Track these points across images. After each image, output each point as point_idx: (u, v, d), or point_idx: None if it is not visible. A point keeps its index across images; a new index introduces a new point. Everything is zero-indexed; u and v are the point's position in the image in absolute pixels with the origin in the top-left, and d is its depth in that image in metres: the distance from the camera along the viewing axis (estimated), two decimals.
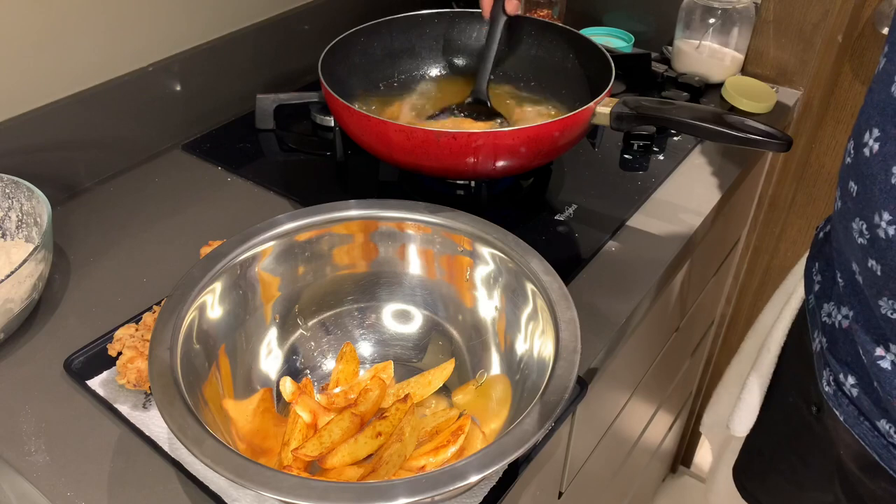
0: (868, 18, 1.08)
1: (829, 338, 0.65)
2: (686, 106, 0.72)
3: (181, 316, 0.54)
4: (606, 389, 0.80)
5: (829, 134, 1.19)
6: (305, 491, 0.43)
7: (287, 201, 0.83)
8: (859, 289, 0.59)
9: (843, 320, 0.63)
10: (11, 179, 0.70)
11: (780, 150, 0.67)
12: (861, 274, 0.57)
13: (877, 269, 0.55)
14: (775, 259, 1.36)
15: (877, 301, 0.56)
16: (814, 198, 1.26)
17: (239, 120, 0.98)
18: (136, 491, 0.54)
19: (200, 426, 0.46)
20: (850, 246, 0.58)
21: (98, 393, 0.60)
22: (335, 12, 1.07)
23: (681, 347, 1.13)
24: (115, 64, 0.84)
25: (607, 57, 0.80)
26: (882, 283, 0.55)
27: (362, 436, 0.54)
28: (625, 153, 0.90)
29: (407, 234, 0.65)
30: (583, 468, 0.85)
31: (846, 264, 0.61)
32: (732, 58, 1.03)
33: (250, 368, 0.60)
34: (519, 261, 0.59)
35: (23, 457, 0.56)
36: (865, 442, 0.61)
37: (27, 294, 0.64)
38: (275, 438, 0.56)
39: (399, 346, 0.65)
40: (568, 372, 0.50)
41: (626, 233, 0.78)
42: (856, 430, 0.61)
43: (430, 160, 0.70)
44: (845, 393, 0.62)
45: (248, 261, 0.60)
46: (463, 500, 0.53)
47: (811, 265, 0.72)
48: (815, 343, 0.68)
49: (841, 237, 0.60)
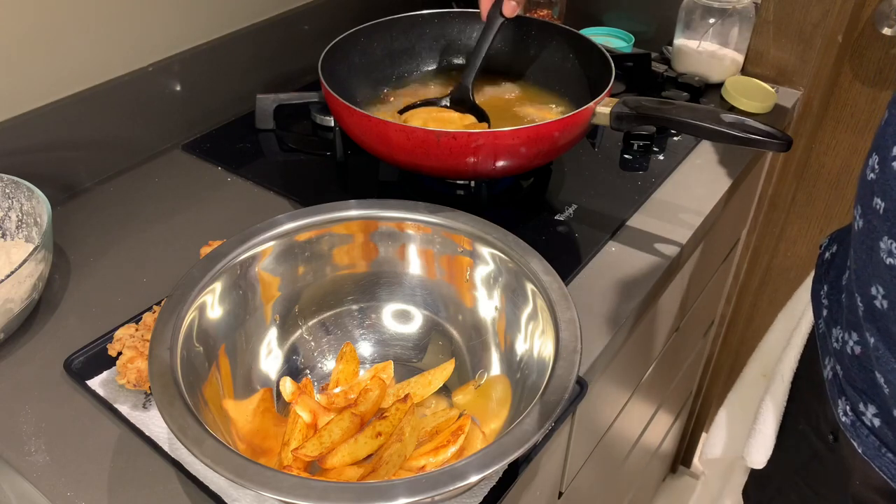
0: (868, 18, 1.08)
1: (842, 365, 0.62)
2: (686, 106, 0.72)
3: (181, 316, 0.54)
4: (606, 389, 0.80)
5: (829, 134, 1.19)
6: (305, 491, 0.43)
7: (287, 201, 0.83)
8: (880, 315, 0.55)
9: (856, 346, 0.59)
10: (11, 179, 0.70)
11: (780, 150, 0.67)
12: (888, 298, 0.53)
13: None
14: (775, 259, 1.36)
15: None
16: (814, 198, 1.26)
17: (239, 120, 0.98)
18: (136, 491, 0.54)
19: (200, 426, 0.46)
20: (875, 267, 0.54)
21: (98, 393, 0.60)
22: (335, 12, 1.07)
23: (681, 347, 1.13)
24: (115, 64, 0.84)
25: (607, 57, 0.80)
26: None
27: (362, 436, 0.54)
28: (625, 153, 0.90)
29: (407, 234, 0.65)
30: (583, 468, 0.85)
31: (865, 287, 0.56)
32: (732, 58, 1.03)
33: (250, 368, 0.60)
34: (519, 261, 0.59)
35: (23, 457, 0.56)
36: (888, 475, 0.58)
37: (27, 294, 0.64)
38: (275, 438, 0.56)
39: (399, 346, 0.65)
40: (568, 372, 0.50)
41: (626, 233, 0.78)
42: (876, 462, 0.58)
43: (430, 160, 0.70)
44: (865, 423, 0.59)
45: (248, 261, 0.60)
46: (463, 500, 0.53)
47: (818, 288, 0.69)
48: (826, 370, 0.65)
49: (862, 258, 0.56)
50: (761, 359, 0.85)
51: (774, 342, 0.82)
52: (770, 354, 0.82)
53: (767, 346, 0.84)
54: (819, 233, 1.28)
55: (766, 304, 1.42)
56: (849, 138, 1.18)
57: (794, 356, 0.75)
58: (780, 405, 0.77)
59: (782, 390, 0.76)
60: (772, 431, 0.78)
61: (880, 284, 0.54)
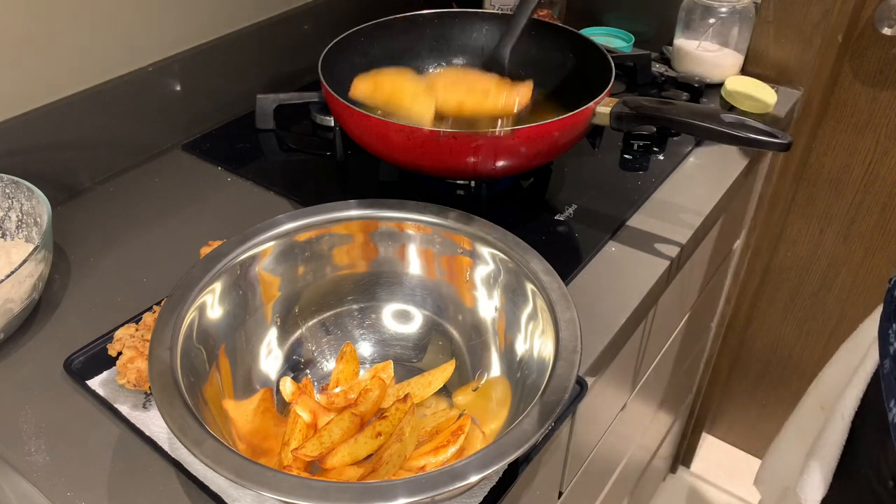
0: (868, 18, 1.08)
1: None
2: (686, 106, 0.72)
3: (181, 316, 0.54)
4: (606, 389, 0.80)
5: (829, 134, 1.19)
6: (305, 491, 0.43)
7: (287, 201, 0.83)
8: None
9: None
10: (11, 179, 0.70)
11: (780, 150, 0.67)
12: None
13: None
14: (775, 259, 1.36)
15: None
16: (814, 198, 1.26)
17: (239, 120, 0.98)
18: (136, 491, 0.54)
19: (200, 426, 0.46)
20: None
21: (98, 393, 0.60)
22: (335, 12, 1.07)
23: (681, 347, 1.13)
24: (115, 64, 0.84)
25: (607, 57, 0.80)
26: None
27: (362, 436, 0.54)
28: (625, 153, 0.90)
29: (407, 234, 0.65)
30: (583, 468, 0.85)
31: None
32: (732, 58, 1.03)
33: (250, 368, 0.60)
34: (519, 261, 0.59)
35: (23, 457, 0.56)
36: None
37: (27, 294, 0.64)
38: (275, 438, 0.56)
39: (399, 346, 0.65)
40: (568, 372, 0.50)
41: (626, 233, 0.78)
42: None
43: (430, 160, 0.70)
44: None
45: (248, 261, 0.60)
46: (463, 500, 0.53)
47: (887, 326, 0.66)
48: (892, 413, 0.63)
49: None
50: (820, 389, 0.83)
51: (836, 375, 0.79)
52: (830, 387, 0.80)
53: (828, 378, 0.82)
54: (819, 233, 1.29)
55: (766, 304, 1.42)
56: (849, 138, 1.18)
57: (856, 395, 0.73)
58: (839, 445, 0.75)
59: (842, 429, 0.74)
60: (828, 471, 0.76)
61: None
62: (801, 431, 0.85)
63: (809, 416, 0.84)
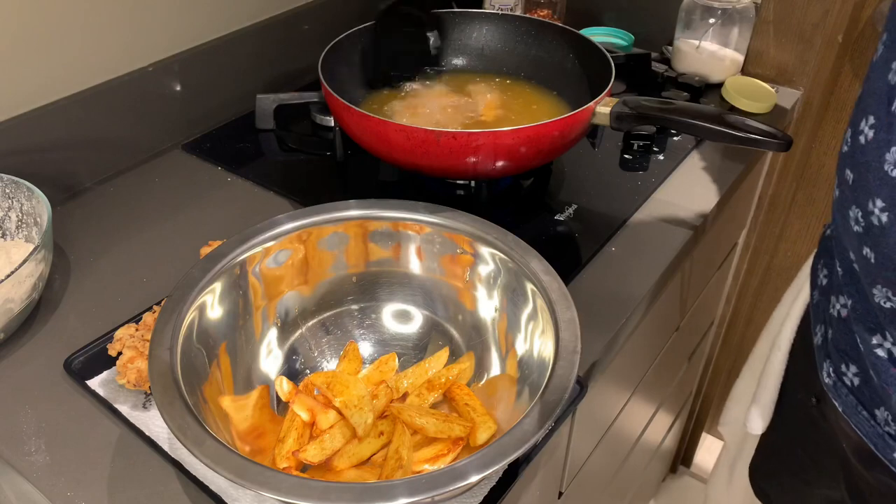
0: (868, 18, 1.08)
1: (832, 329, 0.65)
2: (686, 106, 0.72)
3: (181, 316, 0.54)
4: (606, 389, 0.80)
5: (829, 134, 1.19)
6: (305, 491, 0.43)
7: (287, 201, 0.83)
8: (856, 277, 0.59)
9: (842, 309, 0.62)
10: (11, 179, 0.70)
11: (780, 150, 0.67)
12: (857, 262, 0.58)
13: (871, 256, 0.55)
14: (775, 259, 1.36)
15: (871, 290, 0.56)
16: (814, 198, 1.26)
17: (239, 120, 0.98)
18: (136, 491, 0.54)
19: (200, 426, 0.46)
20: (847, 234, 0.59)
21: (98, 393, 0.60)
22: (335, 12, 1.07)
23: (681, 347, 1.13)
24: (115, 64, 0.84)
25: (607, 57, 0.80)
26: (876, 271, 0.55)
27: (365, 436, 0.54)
28: (625, 153, 0.90)
29: (407, 234, 0.65)
30: (583, 468, 0.85)
31: (844, 253, 0.61)
32: (732, 58, 1.03)
33: (250, 368, 0.60)
34: (519, 261, 0.59)
35: (23, 457, 0.56)
36: (862, 432, 0.61)
37: (27, 294, 0.64)
38: (272, 435, 0.56)
39: (399, 346, 0.65)
40: (568, 372, 0.50)
41: (626, 233, 0.78)
42: (853, 419, 0.61)
43: (430, 160, 0.70)
44: (845, 383, 0.62)
45: (248, 261, 0.60)
46: (463, 500, 0.53)
47: (817, 262, 0.72)
48: (816, 336, 0.68)
49: (839, 226, 0.61)
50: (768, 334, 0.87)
51: (779, 316, 0.83)
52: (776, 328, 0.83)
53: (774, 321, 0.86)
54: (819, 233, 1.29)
55: (766, 304, 1.42)
56: None
57: (791, 327, 0.78)
58: (778, 374, 0.79)
59: (779, 360, 0.79)
60: (769, 399, 0.81)
61: (852, 250, 0.58)
62: (754, 373, 0.88)
63: (761, 357, 0.87)
